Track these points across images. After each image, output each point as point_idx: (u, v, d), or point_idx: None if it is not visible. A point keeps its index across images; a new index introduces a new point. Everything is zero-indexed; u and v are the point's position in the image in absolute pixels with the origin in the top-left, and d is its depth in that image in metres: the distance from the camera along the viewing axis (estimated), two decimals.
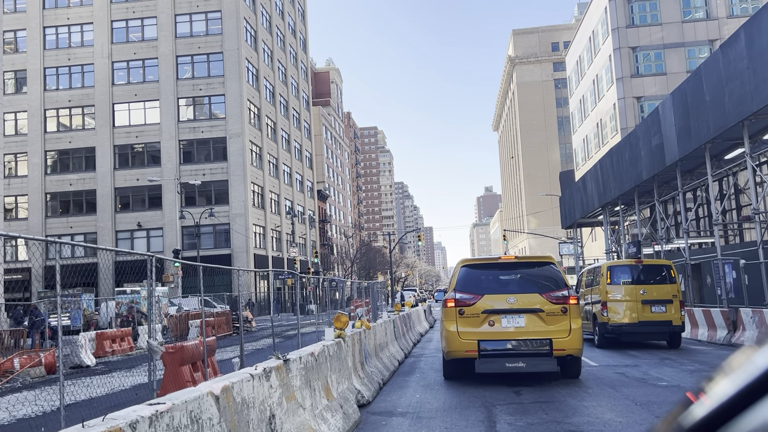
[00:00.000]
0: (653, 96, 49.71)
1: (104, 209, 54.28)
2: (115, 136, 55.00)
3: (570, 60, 70.35)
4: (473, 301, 10.06)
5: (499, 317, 9.92)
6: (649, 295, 15.62)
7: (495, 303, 9.98)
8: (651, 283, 15.95)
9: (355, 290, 40.44)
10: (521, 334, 9.81)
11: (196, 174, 53.81)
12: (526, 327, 9.86)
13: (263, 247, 57.15)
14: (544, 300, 9.96)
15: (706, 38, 50.72)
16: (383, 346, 11.28)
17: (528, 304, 9.94)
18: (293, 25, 74.24)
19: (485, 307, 9.97)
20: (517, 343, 9.78)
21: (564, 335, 9.80)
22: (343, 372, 6.68)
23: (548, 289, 10.09)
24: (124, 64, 55.80)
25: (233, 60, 54.21)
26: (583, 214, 32.35)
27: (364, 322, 9.27)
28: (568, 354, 9.93)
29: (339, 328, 7.03)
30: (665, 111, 18.29)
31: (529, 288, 10.18)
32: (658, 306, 15.51)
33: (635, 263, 16.64)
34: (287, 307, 55.15)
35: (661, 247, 21.80)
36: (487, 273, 10.59)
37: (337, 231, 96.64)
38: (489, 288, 10.25)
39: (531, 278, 10.42)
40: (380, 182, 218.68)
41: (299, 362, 5.30)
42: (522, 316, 9.89)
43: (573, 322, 9.89)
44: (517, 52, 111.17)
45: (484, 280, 10.43)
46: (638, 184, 21.93)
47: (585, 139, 64.86)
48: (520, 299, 9.98)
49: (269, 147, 60.49)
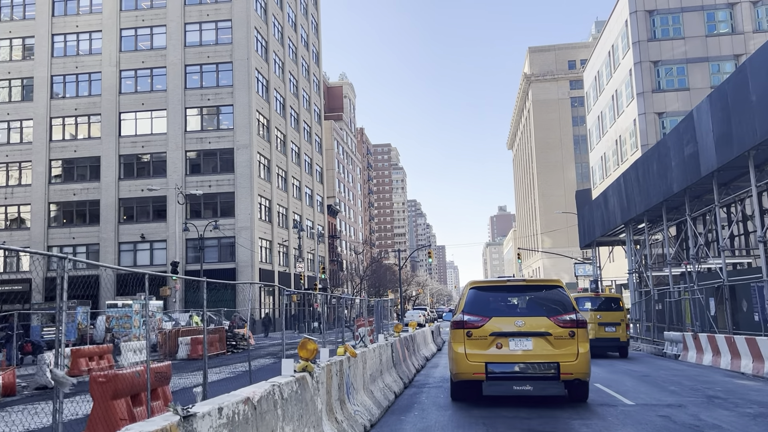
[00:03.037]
0: (675, 112, 47.83)
1: (108, 220, 52.99)
2: (120, 145, 53.87)
3: (588, 76, 68.61)
4: (481, 324, 10.04)
5: (506, 340, 9.88)
6: (603, 319, 20.51)
7: (503, 325, 9.97)
8: (605, 310, 20.76)
9: (364, 308, 38.71)
10: (529, 358, 9.78)
11: (202, 185, 52.46)
12: (533, 350, 9.81)
13: (269, 262, 55.54)
14: (551, 323, 9.91)
15: (731, 53, 48.86)
16: (376, 377, 9.43)
17: (536, 327, 9.90)
18: (306, 38, 73.23)
19: (493, 330, 9.96)
20: (524, 366, 9.76)
21: (572, 359, 9.75)
22: (307, 419, 4.86)
23: (556, 312, 10.05)
24: (131, 73, 54.81)
25: (243, 70, 53.04)
26: (603, 232, 30.33)
27: (348, 348, 7.52)
28: (576, 378, 9.85)
29: (304, 359, 5.27)
30: (701, 116, 16.48)
31: (537, 311, 10.15)
32: (610, 327, 20.53)
33: (594, 296, 22.38)
34: (294, 324, 53.36)
35: (693, 267, 19.81)
36: (496, 295, 10.55)
37: (347, 247, 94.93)
38: (497, 310, 10.23)
39: (539, 301, 10.36)
40: (393, 199, 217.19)
41: (216, 418, 3.32)
42: (530, 339, 9.86)
43: (581, 346, 9.84)
44: (533, 69, 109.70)
45: (493, 303, 10.38)
46: (667, 197, 20.03)
47: (603, 156, 62.90)
48: (528, 322, 9.95)
49: (278, 159, 59.10)
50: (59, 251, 53.20)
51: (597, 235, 31.61)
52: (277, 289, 53.68)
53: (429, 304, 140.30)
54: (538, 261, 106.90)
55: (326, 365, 6.06)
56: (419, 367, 15.86)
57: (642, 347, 23.11)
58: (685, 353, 18.12)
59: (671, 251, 22.43)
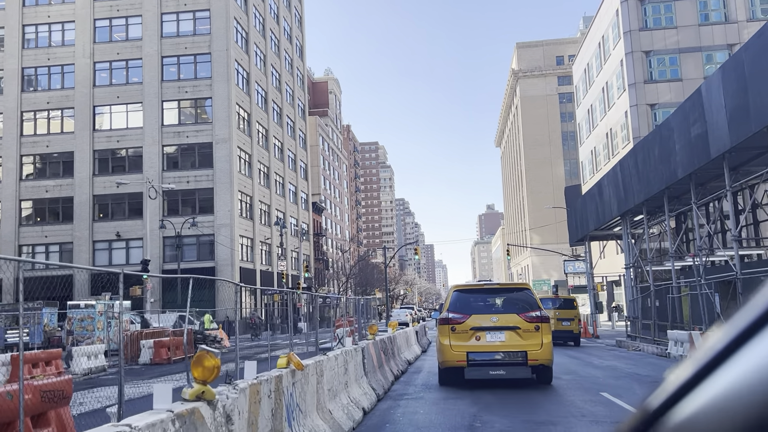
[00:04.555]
0: (668, 103, 46.42)
1: (81, 218, 50.89)
2: (95, 140, 51.78)
3: (577, 68, 67.19)
4: (463, 320, 11.81)
5: (484, 333, 11.69)
6: (561, 315, 25.07)
7: (481, 321, 11.75)
8: (563, 309, 25.63)
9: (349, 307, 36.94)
10: (502, 347, 11.57)
11: (180, 181, 50.51)
12: (506, 341, 11.60)
13: (251, 260, 53.62)
14: (521, 319, 11.70)
15: (724, 42, 47.53)
16: (338, 391, 7.62)
17: (508, 323, 11.69)
18: (289, 31, 71.30)
19: (473, 325, 11.75)
20: (498, 354, 11.52)
21: (537, 348, 11.50)
22: None
23: (524, 310, 11.85)
24: (106, 65, 52.72)
25: (222, 62, 51.09)
26: (597, 225, 28.67)
27: (292, 358, 5.66)
28: (540, 364, 11.67)
29: (200, 381, 3.51)
30: (711, 90, 14.85)
31: (509, 309, 11.89)
32: (566, 322, 25.14)
33: (555, 297, 27.52)
34: (277, 325, 51.42)
35: (699, 259, 18.17)
36: (475, 296, 12.32)
37: (333, 245, 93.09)
38: (476, 309, 11.95)
39: (511, 301, 12.11)
40: (381, 198, 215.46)
41: None
42: (503, 332, 11.65)
43: (544, 337, 11.61)
44: (521, 65, 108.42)
45: (473, 302, 12.12)
46: (670, 184, 18.38)
47: (593, 151, 61.50)
48: (502, 318, 11.76)
49: (260, 155, 57.19)
50: (31, 250, 51.08)
51: (590, 228, 29.99)
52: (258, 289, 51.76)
53: (417, 302, 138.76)
54: (526, 259, 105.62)
55: (251, 385, 4.32)
56: (399, 372, 14.12)
57: (642, 347, 21.51)
58: None
59: (674, 243, 20.76)
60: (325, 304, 29.79)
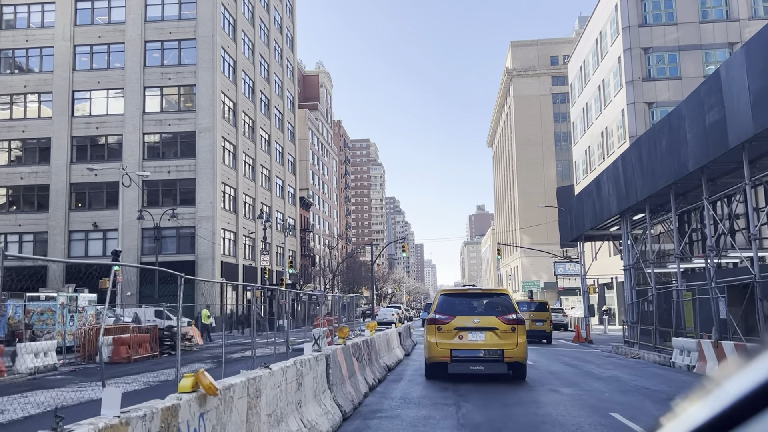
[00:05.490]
0: (666, 102, 45.06)
1: (57, 207, 48.95)
2: (73, 126, 49.82)
3: (573, 66, 65.78)
4: (448, 321, 12.99)
5: (466, 333, 12.84)
6: (535, 317, 28.29)
7: (464, 322, 12.93)
8: (537, 311, 29.12)
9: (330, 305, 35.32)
10: (482, 346, 12.73)
11: (161, 171, 48.70)
12: (485, 341, 12.77)
13: (233, 255, 51.83)
14: (499, 321, 12.89)
15: (725, 41, 46.24)
16: (286, 414, 5.73)
17: (487, 324, 12.86)
18: (279, 21, 69.48)
19: (457, 325, 12.94)
20: (479, 352, 12.71)
21: (513, 347, 12.70)
22: None
23: (503, 313, 13.07)
24: (87, 49, 50.74)
25: (207, 48, 49.26)
26: (594, 224, 27.12)
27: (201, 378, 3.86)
28: (516, 361, 12.87)
29: None
30: (731, 72, 13.30)
31: (489, 312, 13.17)
32: (539, 322, 28.31)
33: (530, 301, 31.91)
34: (261, 323, 49.60)
35: (710, 260, 16.60)
36: (460, 300, 13.65)
37: (321, 242, 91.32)
38: (460, 311, 13.20)
39: (491, 305, 13.42)
40: (371, 196, 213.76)
41: None
42: (483, 332, 12.82)
43: (519, 338, 12.81)
44: (515, 64, 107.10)
45: (457, 305, 13.38)
46: (678, 179, 16.87)
47: (587, 150, 60.13)
48: (482, 320, 12.97)
49: (245, 146, 55.39)
50: (4, 239, 49.04)
51: (587, 227, 28.44)
52: (241, 285, 50.07)
53: (405, 301, 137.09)
54: (516, 260, 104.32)
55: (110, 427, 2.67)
56: (376, 381, 12.44)
57: (642, 354, 19.96)
58: (702, 365, 14.87)
59: (680, 244, 19.17)
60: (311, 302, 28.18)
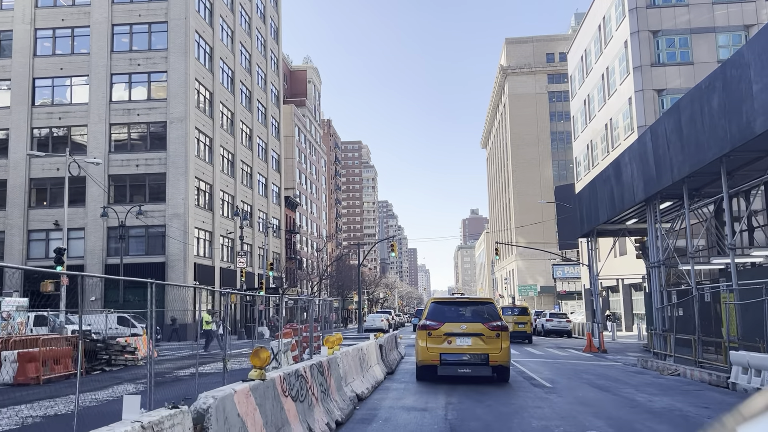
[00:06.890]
0: (677, 89, 41.48)
1: (15, 204, 44.87)
2: (33, 116, 45.80)
3: (573, 56, 62.17)
4: (437, 326, 14.29)
5: (454, 338, 14.15)
6: (517, 320, 34.59)
7: (452, 328, 14.21)
8: (519, 314, 35.65)
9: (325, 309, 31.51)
10: (469, 350, 14.03)
11: (129, 164, 44.73)
12: (472, 345, 14.07)
13: (209, 256, 47.81)
14: (484, 327, 14.16)
15: (741, 23, 42.74)
16: None
17: (474, 330, 14.13)
18: (263, 9, 65.64)
19: (446, 331, 14.22)
20: (466, 356, 14.02)
21: (497, 352, 14.01)
22: None
23: (488, 320, 14.36)
24: (49, 32, 46.77)
25: (179, 31, 45.35)
26: (613, 215, 23.03)
27: None
28: (499, 364, 14.24)
29: None
30: None
31: (476, 319, 14.42)
32: (521, 324, 34.54)
33: (513, 306, 41.21)
34: (236, 330, 45.48)
35: None
36: (449, 307, 14.85)
37: (308, 244, 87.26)
38: (449, 318, 14.46)
39: (477, 312, 14.65)
40: (363, 199, 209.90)
41: None
42: (470, 337, 14.12)
43: (503, 343, 14.11)
44: (510, 62, 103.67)
45: (447, 312, 14.63)
46: (738, 146, 12.91)
47: (589, 144, 56.47)
48: (469, 326, 14.22)
49: (223, 140, 51.44)
50: None
51: (601, 220, 24.42)
52: (217, 290, 45.98)
53: (398, 306, 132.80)
54: (512, 263, 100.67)
55: None
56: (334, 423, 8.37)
57: (682, 370, 16.14)
58: None
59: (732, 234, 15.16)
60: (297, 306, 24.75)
